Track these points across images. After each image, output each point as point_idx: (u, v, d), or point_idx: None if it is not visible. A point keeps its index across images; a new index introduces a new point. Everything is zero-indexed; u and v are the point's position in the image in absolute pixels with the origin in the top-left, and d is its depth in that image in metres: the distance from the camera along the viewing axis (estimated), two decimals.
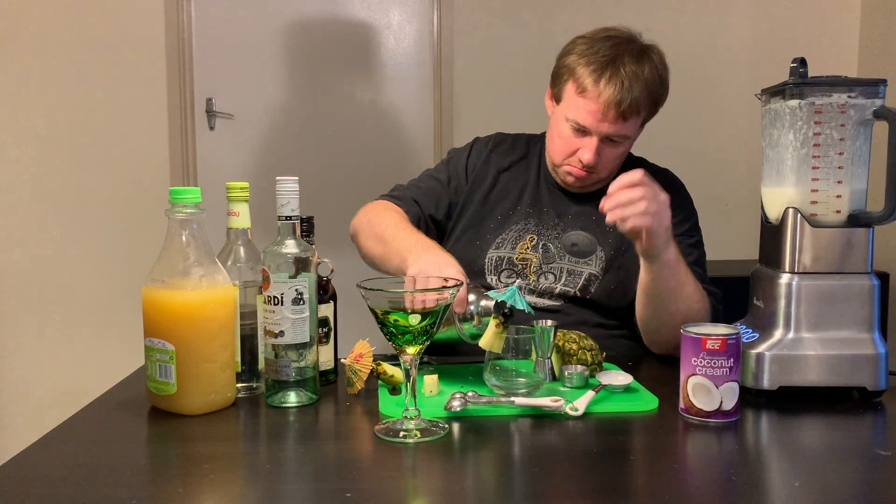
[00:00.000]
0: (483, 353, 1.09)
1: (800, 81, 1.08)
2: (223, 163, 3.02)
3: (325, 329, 1.16)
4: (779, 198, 1.13)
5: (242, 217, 1.10)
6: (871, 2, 3.00)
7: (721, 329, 1.02)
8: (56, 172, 2.90)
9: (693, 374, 1.00)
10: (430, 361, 1.27)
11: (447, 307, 0.95)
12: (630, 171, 1.18)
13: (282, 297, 1.04)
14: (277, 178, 1.06)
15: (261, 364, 1.10)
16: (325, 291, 1.17)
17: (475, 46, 3.01)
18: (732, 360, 0.98)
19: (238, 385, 1.09)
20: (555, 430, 0.99)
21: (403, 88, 3.08)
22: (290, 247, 1.05)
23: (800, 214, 1.09)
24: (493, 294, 1.10)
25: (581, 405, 1.02)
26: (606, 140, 1.40)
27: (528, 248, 1.47)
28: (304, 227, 1.14)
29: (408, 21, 3.06)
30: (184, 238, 1.03)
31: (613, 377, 1.12)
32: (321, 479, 0.85)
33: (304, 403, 1.07)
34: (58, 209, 2.91)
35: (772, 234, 1.15)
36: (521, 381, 1.07)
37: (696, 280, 1.31)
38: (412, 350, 0.95)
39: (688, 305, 1.28)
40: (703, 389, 0.99)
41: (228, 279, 1.05)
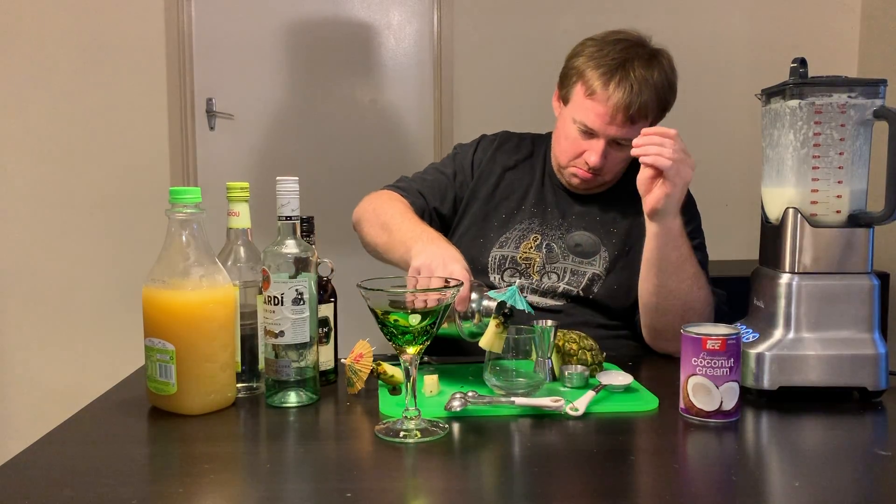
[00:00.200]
0: (483, 353, 1.09)
1: (800, 81, 1.08)
2: (223, 163, 3.02)
3: (325, 329, 1.16)
4: (779, 198, 1.13)
5: (242, 217, 1.10)
6: (871, 2, 3.00)
7: (721, 329, 1.02)
8: (56, 172, 2.90)
9: (693, 374, 1.00)
10: (430, 361, 1.26)
11: (448, 307, 0.95)
12: (665, 128, 1.23)
13: (282, 297, 1.04)
14: (277, 178, 1.06)
15: (261, 364, 1.10)
16: (325, 291, 1.17)
17: (475, 46, 3.00)
18: (733, 360, 0.98)
19: (238, 385, 1.09)
20: (555, 431, 0.98)
21: (403, 88, 3.08)
22: (290, 247, 1.05)
23: (800, 214, 1.09)
24: (493, 294, 1.10)
25: (581, 405, 1.02)
26: (613, 143, 1.40)
27: (532, 248, 1.47)
28: (304, 227, 1.13)
29: (408, 21, 3.05)
30: (184, 238, 1.03)
31: (613, 377, 1.12)
32: (321, 479, 0.85)
33: (304, 403, 1.07)
34: (58, 209, 2.91)
35: (772, 234, 1.15)
36: (521, 381, 1.07)
37: (701, 270, 1.31)
38: (412, 350, 0.95)
39: (689, 287, 1.28)
40: (704, 389, 0.99)
41: (228, 279, 1.05)
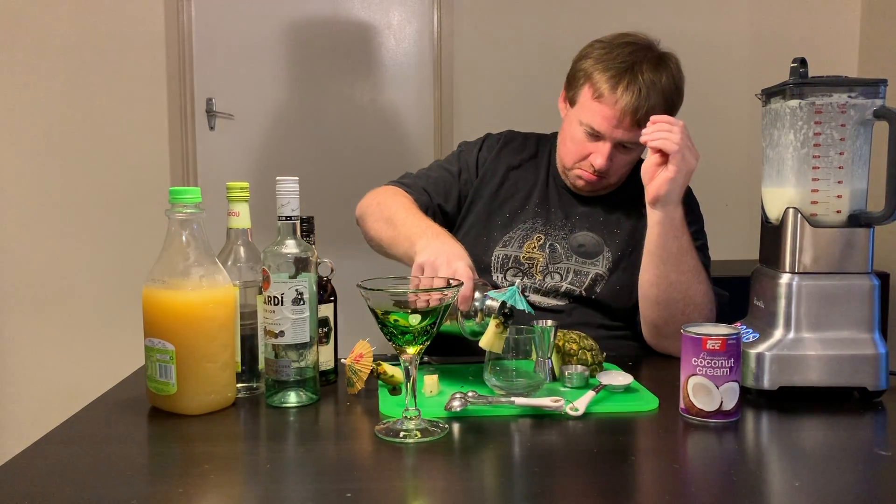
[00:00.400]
0: (483, 353, 1.09)
1: (800, 81, 1.08)
2: (223, 163, 3.02)
3: (325, 329, 1.16)
4: (779, 198, 1.13)
5: (242, 217, 1.10)
6: (871, 2, 3.00)
7: (721, 329, 1.02)
8: (56, 172, 2.90)
9: (693, 375, 1.00)
10: (430, 361, 1.26)
11: (448, 307, 0.95)
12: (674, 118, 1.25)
13: (282, 297, 1.04)
14: (277, 178, 1.06)
15: (261, 364, 1.10)
16: (325, 291, 1.17)
17: (475, 46, 3.00)
18: (733, 361, 0.98)
19: (238, 385, 1.09)
20: (555, 431, 0.98)
21: (403, 88, 3.08)
22: (290, 247, 1.05)
23: (800, 214, 1.09)
24: (493, 294, 1.10)
25: (581, 405, 1.02)
26: (619, 146, 1.40)
27: (535, 248, 1.47)
28: (304, 227, 1.13)
29: (408, 21, 3.06)
30: (184, 238, 1.03)
31: (613, 377, 1.12)
32: (321, 480, 0.85)
33: (304, 403, 1.07)
34: (58, 209, 2.91)
35: (772, 234, 1.15)
36: (522, 382, 1.07)
37: (702, 265, 1.32)
38: (412, 350, 0.95)
39: (689, 279, 1.28)
40: (704, 389, 0.99)
41: (228, 279, 1.05)
